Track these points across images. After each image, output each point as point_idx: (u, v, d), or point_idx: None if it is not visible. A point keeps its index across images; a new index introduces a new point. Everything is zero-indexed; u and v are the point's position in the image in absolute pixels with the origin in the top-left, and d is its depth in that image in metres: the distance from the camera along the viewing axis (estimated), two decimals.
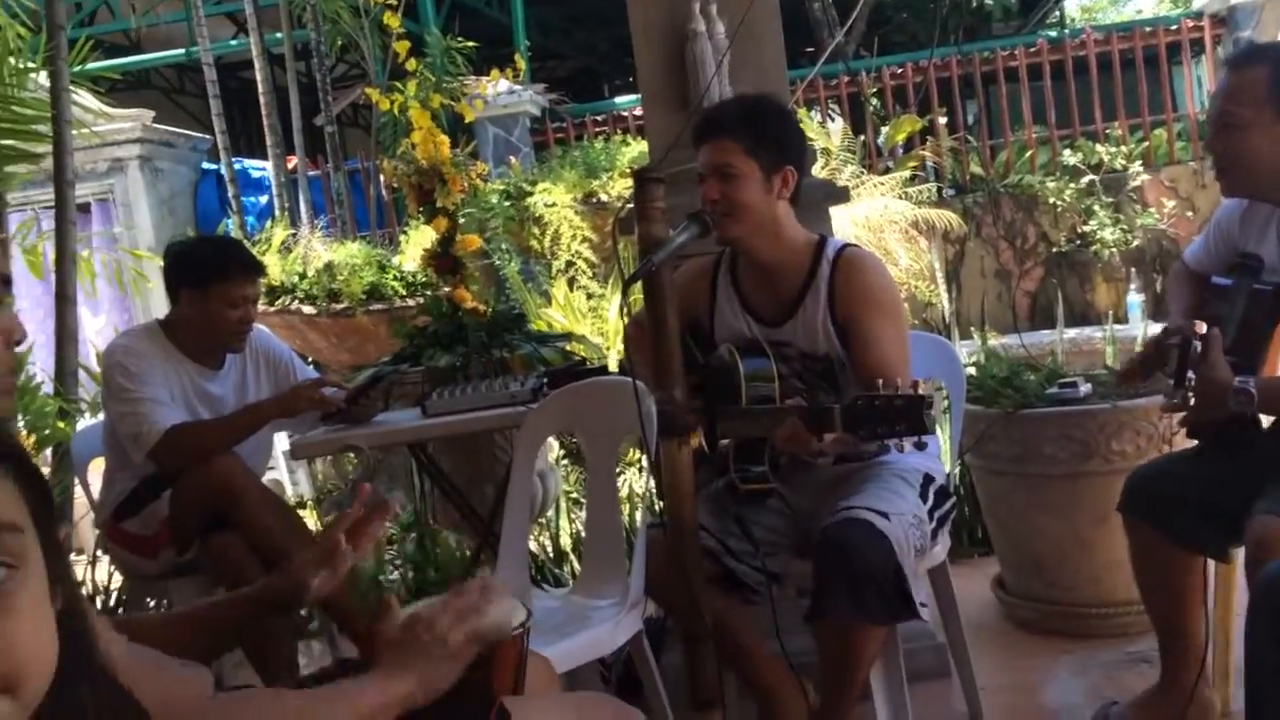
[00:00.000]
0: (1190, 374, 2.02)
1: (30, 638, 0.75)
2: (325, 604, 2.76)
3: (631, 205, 2.17)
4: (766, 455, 2.18)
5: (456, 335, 3.32)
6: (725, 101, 2.37)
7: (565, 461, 4.85)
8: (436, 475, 3.18)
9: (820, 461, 2.29)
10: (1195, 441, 2.23)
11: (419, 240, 5.44)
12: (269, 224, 7.11)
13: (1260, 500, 1.91)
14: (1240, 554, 2.03)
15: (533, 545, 3.92)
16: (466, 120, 6.44)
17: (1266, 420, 2.16)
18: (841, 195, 2.88)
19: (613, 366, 3.19)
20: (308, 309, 5.52)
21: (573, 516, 4.04)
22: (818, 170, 5.81)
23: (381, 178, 7.73)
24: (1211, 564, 2.22)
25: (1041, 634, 2.85)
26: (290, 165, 8.11)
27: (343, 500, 5.34)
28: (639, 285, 2.10)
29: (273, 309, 5.49)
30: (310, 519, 4.79)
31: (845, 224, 5.71)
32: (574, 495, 4.27)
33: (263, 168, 8.41)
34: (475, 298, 3.50)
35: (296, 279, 5.59)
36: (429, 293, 4.00)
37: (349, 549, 1.45)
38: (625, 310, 2.10)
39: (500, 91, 7.63)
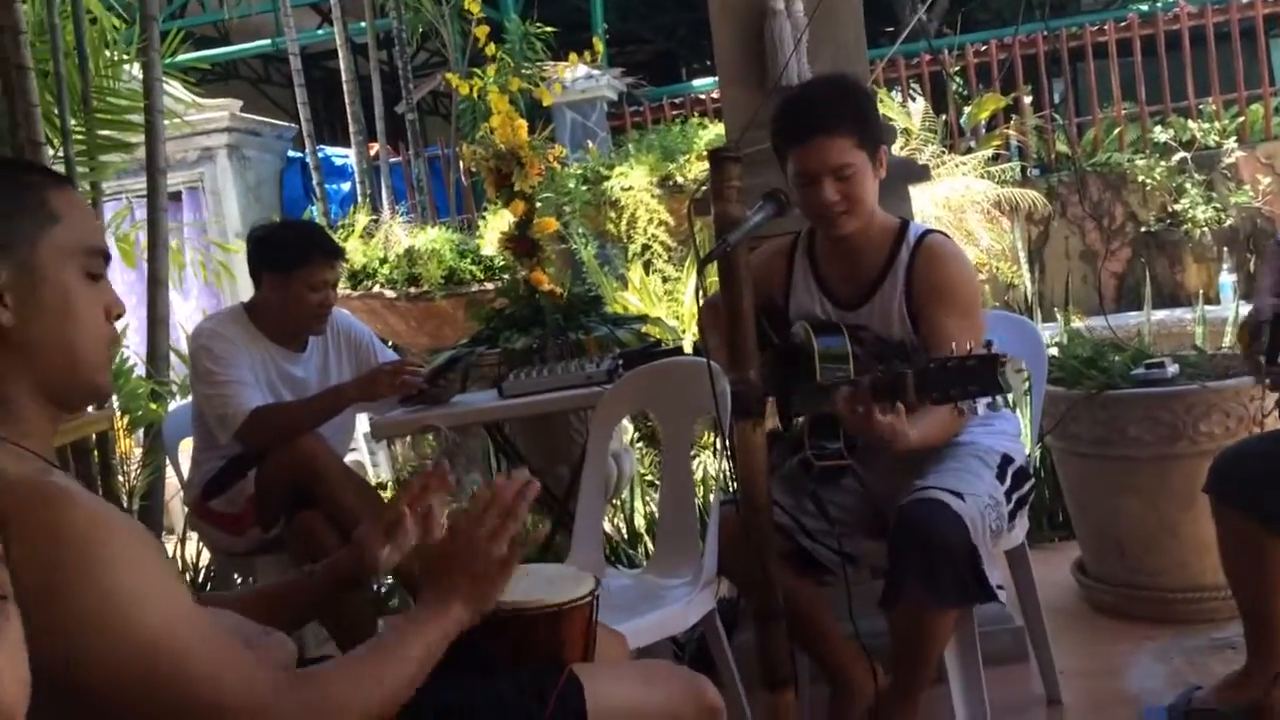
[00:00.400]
0: None
1: (18, 669, 0.79)
2: (404, 579, 2.83)
3: (708, 186, 2.17)
4: (842, 433, 2.16)
5: (533, 317, 3.36)
6: (814, 91, 2.29)
7: (640, 444, 4.88)
8: (512, 456, 3.22)
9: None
10: None
11: (497, 225, 5.49)
12: (351, 210, 7.26)
13: None
14: None
15: (607, 527, 3.95)
16: (545, 105, 6.51)
17: None
18: (921, 174, 2.84)
19: (688, 349, 3.19)
20: (388, 293, 5.62)
21: (647, 498, 4.07)
22: (897, 150, 5.72)
23: (461, 164, 7.82)
24: None
25: (1123, 619, 2.79)
26: (372, 152, 8.26)
27: None
28: (714, 266, 2.11)
29: (355, 293, 5.61)
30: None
31: (925, 204, 5.62)
32: (648, 478, 4.30)
33: (346, 155, 8.57)
34: (551, 280, 3.53)
35: (378, 264, 5.70)
36: (506, 276, 4.04)
37: (413, 523, 1.46)
38: (701, 292, 2.10)
39: (578, 76, 7.66)
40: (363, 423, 4.79)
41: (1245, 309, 3.89)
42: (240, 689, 1.04)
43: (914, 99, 7.21)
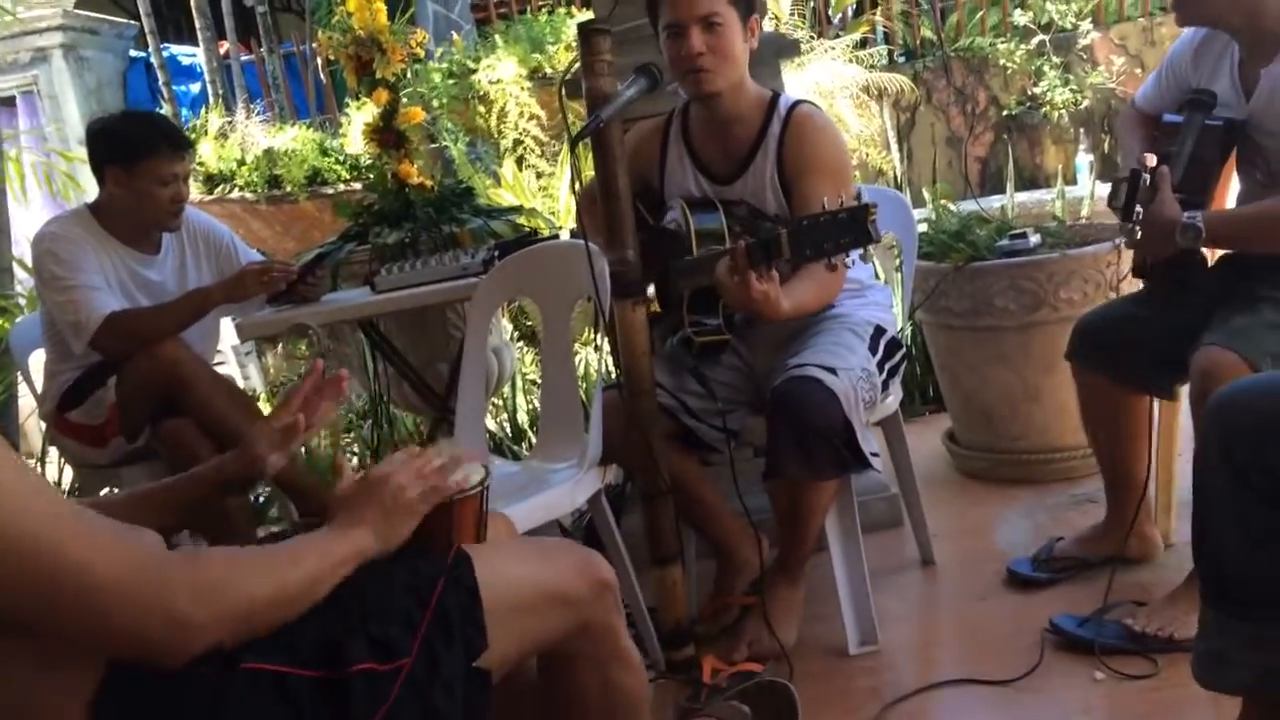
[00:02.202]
0: (1139, 207, 2.03)
1: None
2: (283, 486, 2.76)
3: (578, 65, 2.11)
4: (721, 309, 2.17)
5: (403, 212, 3.24)
6: None
7: (521, 344, 4.84)
8: (389, 354, 3.15)
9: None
10: (1142, 285, 2.26)
11: (361, 121, 5.28)
12: (204, 111, 6.88)
13: (1206, 334, 1.94)
14: (1185, 391, 2.08)
15: (491, 424, 3.92)
16: None
17: (1213, 257, 2.19)
18: (792, 48, 2.83)
19: (565, 239, 3.15)
20: (248, 196, 5.38)
21: (530, 395, 4.05)
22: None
23: (319, 59, 7.47)
24: (1156, 404, 2.27)
25: (991, 482, 2.92)
26: (222, 51, 7.81)
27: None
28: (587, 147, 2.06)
29: (210, 198, 5.35)
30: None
31: (796, 90, 5.61)
32: (531, 377, 4.27)
33: (193, 54, 8.09)
34: (421, 173, 3.41)
35: (235, 166, 5.43)
36: (374, 174, 3.89)
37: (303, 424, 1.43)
38: (575, 174, 2.05)
39: None
40: (229, 334, 4.61)
41: (1103, 188, 4.03)
42: (125, 569, 1.02)
43: None
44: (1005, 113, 7.08)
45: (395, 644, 1.19)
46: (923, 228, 3.05)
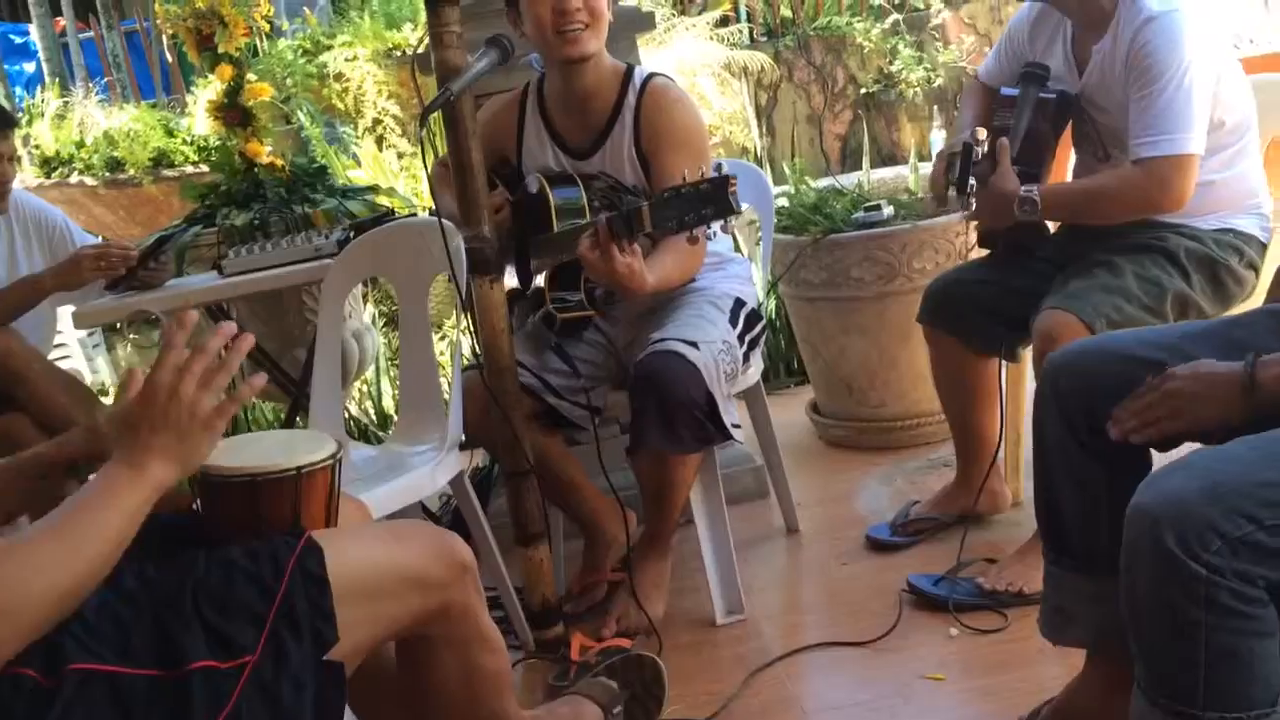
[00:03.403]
0: (971, 180, 2.09)
1: None
2: None
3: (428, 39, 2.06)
4: (582, 284, 2.16)
5: (253, 192, 3.12)
6: None
7: (385, 329, 4.73)
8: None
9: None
10: (988, 252, 2.33)
11: (207, 97, 5.07)
12: (39, 91, 6.50)
13: (1046, 298, 2.02)
14: (1029, 353, 2.16)
15: (354, 410, 3.83)
16: None
17: (1054, 225, 2.27)
18: (646, 22, 2.81)
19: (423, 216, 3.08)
20: (89, 180, 5.10)
21: (394, 379, 3.96)
22: None
23: (165, 37, 7.13)
24: (1004, 366, 2.35)
25: (852, 450, 2.99)
26: (58, 28, 7.39)
27: None
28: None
29: (49, 182, 5.06)
30: None
31: (659, 68, 5.62)
32: (395, 360, 4.18)
33: (26, 31, 7.63)
34: (272, 153, 3.29)
35: (74, 149, 5.14)
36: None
37: None
38: (423, 149, 2.00)
39: None
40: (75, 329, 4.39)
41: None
42: None
43: None
44: (863, 91, 7.24)
45: (237, 639, 1.14)
46: (783, 202, 3.09)
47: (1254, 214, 2.12)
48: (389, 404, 3.84)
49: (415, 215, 2.94)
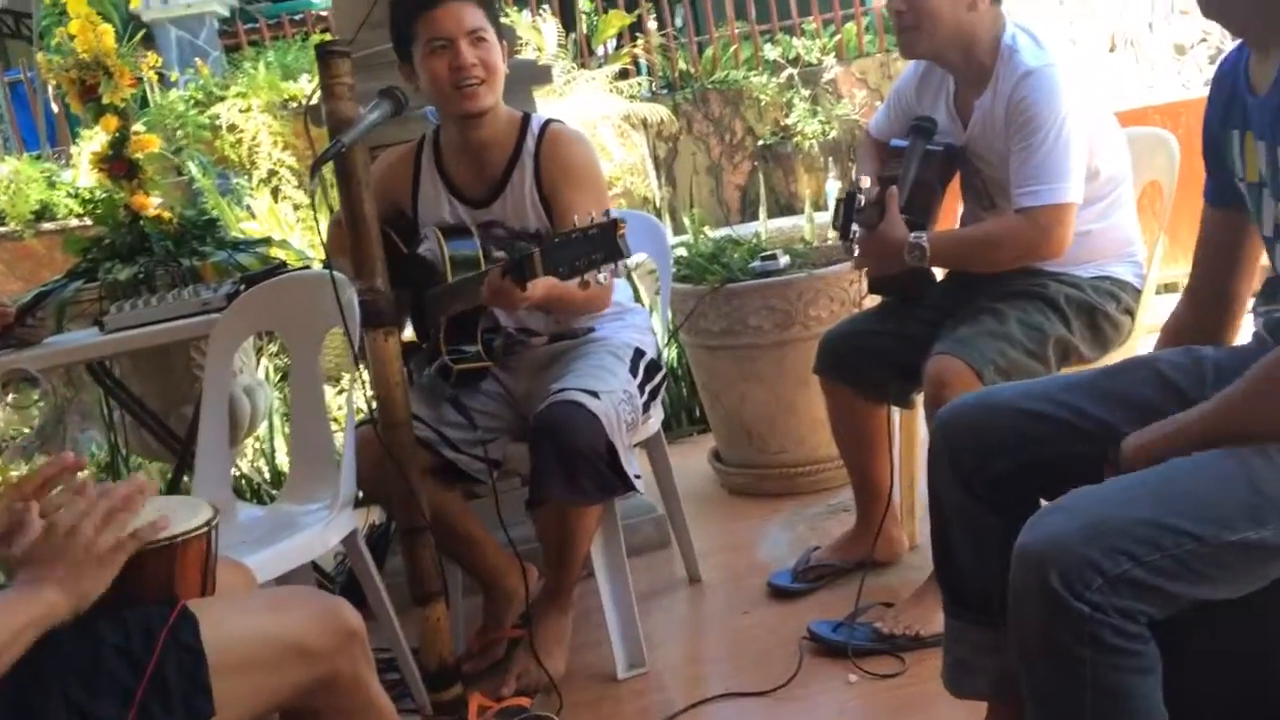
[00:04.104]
0: (855, 226, 2.14)
1: None
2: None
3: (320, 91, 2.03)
4: (479, 335, 2.13)
5: (138, 246, 3.02)
6: None
7: (281, 383, 4.62)
8: (125, 400, 2.92)
9: (533, 341, 2.27)
10: (880, 300, 2.38)
11: (91, 149, 4.92)
12: None
13: (936, 344, 2.06)
14: (920, 400, 2.20)
15: (246, 467, 3.72)
16: (140, 18, 5.87)
17: (941, 272, 2.33)
18: (543, 76, 2.84)
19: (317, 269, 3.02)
20: None
21: (288, 435, 3.86)
22: None
23: (50, 89, 6.93)
24: (897, 412, 2.39)
25: (754, 497, 3.01)
26: None
27: (29, 446, 4.86)
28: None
29: None
30: None
31: (561, 119, 5.65)
32: (290, 415, 4.08)
33: None
34: (161, 206, 3.20)
35: None
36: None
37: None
38: (313, 201, 1.97)
39: None
40: None
41: None
42: None
43: (543, 19, 7.22)
44: (761, 142, 7.38)
45: (104, 716, 1.08)
46: (681, 252, 3.12)
47: (1129, 262, 2.20)
48: (283, 461, 3.74)
49: (309, 268, 2.88)
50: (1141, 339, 2.18)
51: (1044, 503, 1.46)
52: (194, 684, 1.14)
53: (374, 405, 2.02)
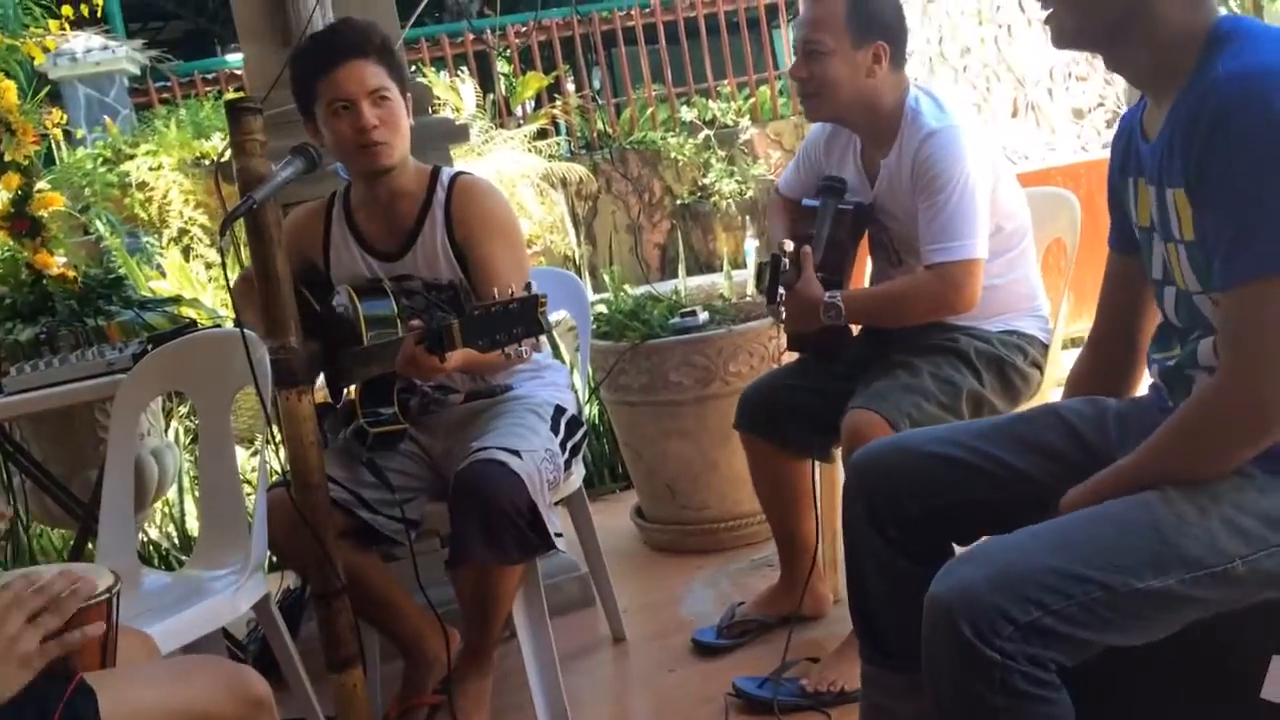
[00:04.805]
0: (780, 289, 2.17)
1: None
2: None
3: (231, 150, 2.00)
4: (395, 396, 2.11)
5: (40, 305, 2.93)
6: (340, 25, 2.23)
7: (192, 444, 4.49)
8: (25, 465, 2.81)
9: (451, 399, 2.25)
10: (798, 355, 2.41)
11: None
12: None
13: (853, 398, 2.09)
14: (839, 453, 2.22)
15: (155, 533, 3.59)
16: (47, 75, 5.75)
17: (856, 328, 2.37)
18: (460, 134, 2.84)
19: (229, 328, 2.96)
20: None
21: (199, 498, 3.74)
22: None
23: None
24: (818, 467, 2.41)
25: (677, 553, 2.99)
26: None
27: None
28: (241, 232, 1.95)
29: None
30: None
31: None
32: (200, 477, 3.96)
33: None
34: (63, 265, 3.11)
35: None
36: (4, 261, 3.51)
37: None
38: (224, 258, 1.94)
39: (92, 48, 6.90)
40: None
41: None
42: None
43: (461, 80, 7.26)
44: (679, 201, 7.49)
45: None
46: (601, 309, 3.13)
47: (1034, 315, 2.26)
48: (193, 525, 3.62)
49: (220, 327, 2.82)
50: (1050, 391, 2.24)
51: (956, 547, 1.49)
52: None
53: (287, 467, 1.97)
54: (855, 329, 2.36)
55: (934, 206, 2.11)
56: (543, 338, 2.35)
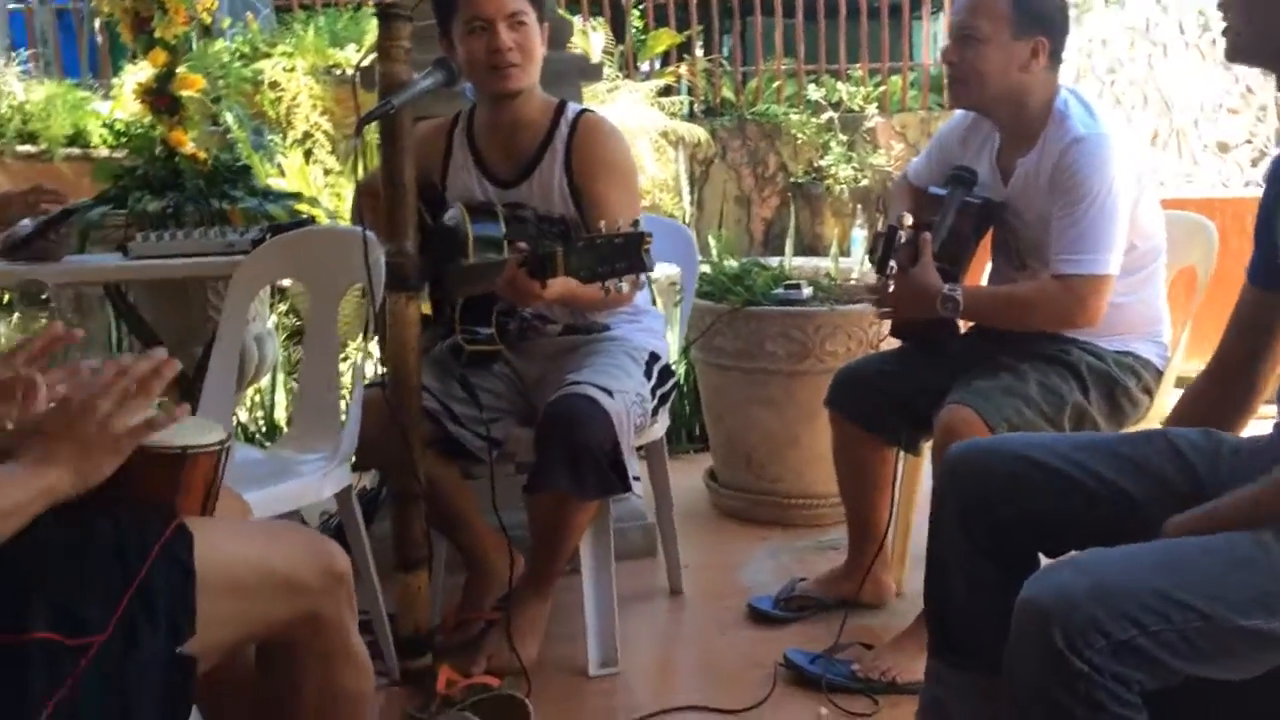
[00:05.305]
0: (892, 262, 2.13)
1: None
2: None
3: (374, 56, 2.04)
4: (494, 318, 2.13)
5: (170, 180, 3.03)
6: None
7: (288, 342, 4.61)
8: (137, 327, 2.91)
9: (548, 329, 2.27)
10: (899, 343, 2.38)
11: (134, 82, 4.93)
12: None
13: (951, 393, 2.06)
14: (929, 448, 2.20)
15: (244, 416, 3.71)
16: None
17: (964, 325, 2.33)
18: (594, 72, 2.85)
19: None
20: None
21: (290, 390, 3.85)
22: None
23: (97, 21, 6.95)
24: (903, 458, 2.38)
25: (745, 522, 2.99)
26: None
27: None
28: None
29: None
30: None
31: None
32: (293, 372, 4.07)
33: None
34: (198, 142, 3.21)
35: None
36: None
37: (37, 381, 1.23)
38: (355, 154, 1.98)
39: None
40: None
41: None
42: None
43: (594, 28, 7.25)
44: (793, 180, 7.41)
45: (87, 617, 1.07)
46: (705, 269, 3.12)
47: (1154, 341, 2.20)
48: (281, 415, 3.72)
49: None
50: (1155, 422, 2.18)
51: (1042, 557, 1.46)
52: (180, 601, 1.13)
53: (385, 368, 2.02)
54: (963, 326, 2.33)
55: (1071, 215, 2.05)
56: (644, 282, 2.36)
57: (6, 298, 5.23)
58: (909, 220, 2.16)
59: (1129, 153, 2.10)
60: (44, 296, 2.63)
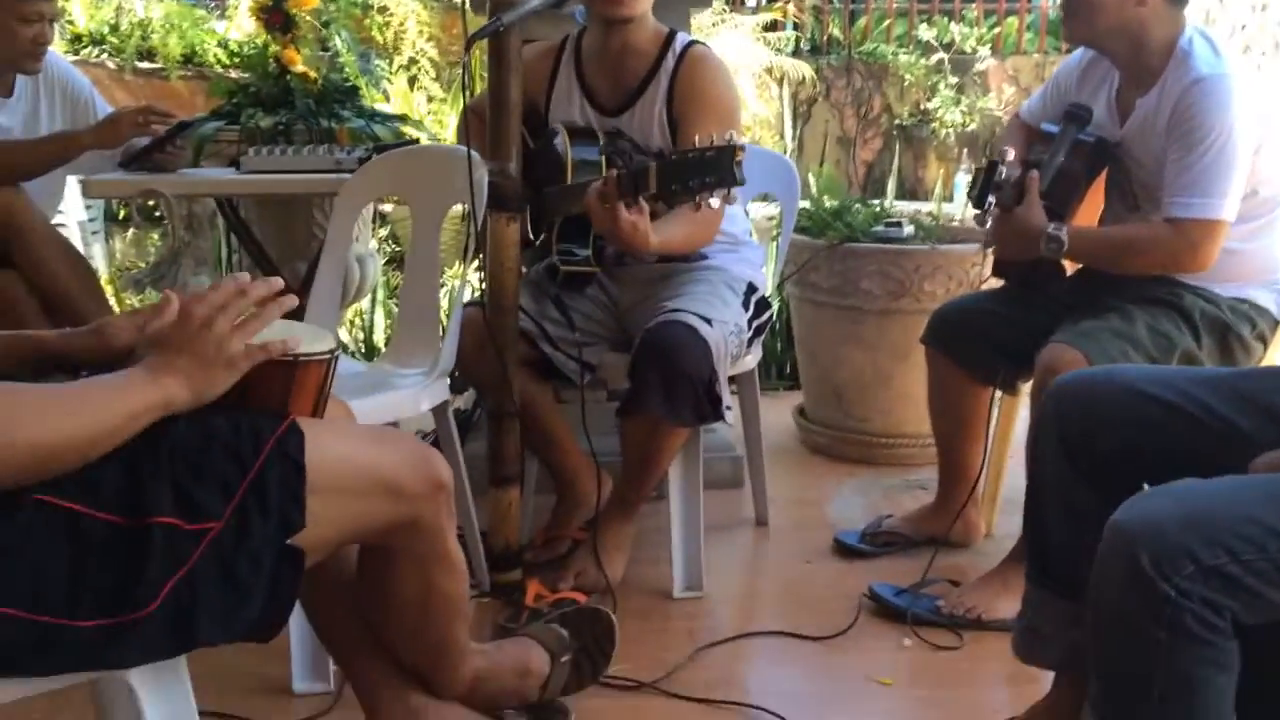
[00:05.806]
0: (991, 198, 2.08)
1: None
2: None
3: None
4: (592, 240, 2.15)
5: (281, 98, 3.08)
6: None
7: (388, 267, 4.71)
8: (247, 241, 3.00)
9: (645, 257, 2.27)
10: (1001, 283, 2.33)
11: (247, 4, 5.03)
12: None
13: (1056, 334, 2.01)
14: (1027, 389, 2.16)
15: (345, 336, 3.81)
16: None
17: (1069, 266, 2.27)
18: (703, 0, 2.80)
19: None
20: (114, 65, 5.04)
21: (389, 311, 3.94)
22: None
23: None
24: (999, 398, 2.35)
25: (833, 458, 2.99)
26: None
27: (142, 279, 5.04)
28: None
29: (74, 59, 5.01)
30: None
31: None
32: (392, 295, 4.16)
33: None
34: (307, 63, 3.26)
35: (106, 30, 5.09)
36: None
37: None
38: (465, 70, 1.99)
39: None
40: (76, 209, 4.37)
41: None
42: None
43: None
44: (897, 122, 7.24)
45: (205, 504, 1.13)
46: (805, 204, 3.09)
47: (1271, 289, 2.11)
48: (380, 337, 3.82)
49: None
50: None
51: (1147, 488, 1.44)
52: (291, 494, 1.18)
53: (485, 288, 2.05)
54: (1069, 266, 2.27)
55: (1188, 158, 1.97)
56: (742, 214, 2.34)
57: (123, 213, 5.44)
58: (1011, 155, 2.11)
59: (1253, 96, 2.01)
60: (159, 215, 2.73)
